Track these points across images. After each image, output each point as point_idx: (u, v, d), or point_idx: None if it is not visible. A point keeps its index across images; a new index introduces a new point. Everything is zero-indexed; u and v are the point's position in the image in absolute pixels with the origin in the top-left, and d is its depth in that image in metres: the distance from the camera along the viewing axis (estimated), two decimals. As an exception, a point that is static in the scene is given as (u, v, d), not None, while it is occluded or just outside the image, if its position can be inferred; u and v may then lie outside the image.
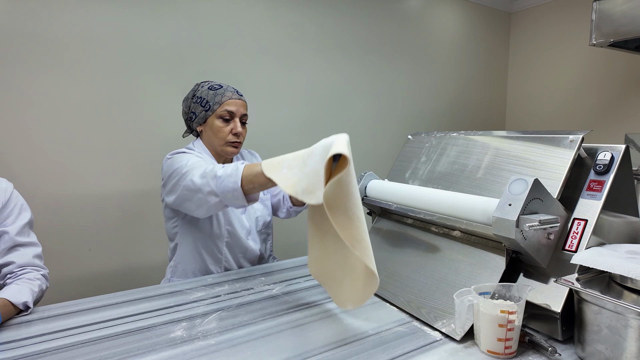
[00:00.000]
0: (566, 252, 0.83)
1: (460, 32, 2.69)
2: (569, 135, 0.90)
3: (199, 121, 1.28)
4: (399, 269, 1.07)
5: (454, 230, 1.01)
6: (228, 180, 0.95)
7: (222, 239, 1.30)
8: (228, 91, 1.28)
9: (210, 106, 1.26)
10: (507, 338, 0.74)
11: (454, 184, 1.08)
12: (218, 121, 1.26)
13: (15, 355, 0.79)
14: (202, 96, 1.27)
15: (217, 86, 1.28)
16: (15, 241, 1.04)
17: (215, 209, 1.03)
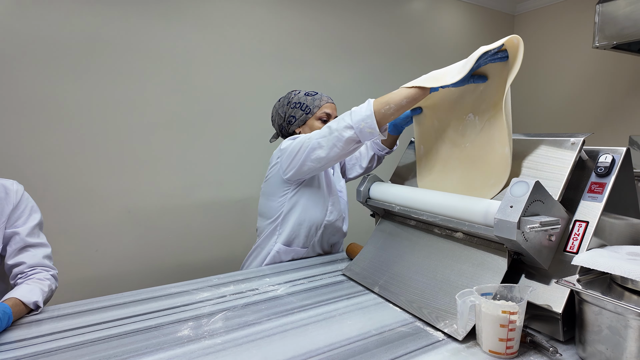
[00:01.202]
0: (567, 253, 0.84)
1: (463, 34, 2.70)
2: (570, 138, 0.91)
3: (299, 123, 1.43)
4: (401, 270, 1.08)
5: (456, 232, 1.02)
6: (361, 110, 1.10)
7: (323, 221, 1.40)
8: (324, 96, 1.44)
9: (311, 109, 1.41)
10: (509, 338, 0.75)
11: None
12: (317, 122, 1.41)
13: (26, 353, 0.81)
14: (301, 101, 1.42)
15: (312, 92, 1.45)
16: (26, 242, 1.07)
17: (348, 145, 1.15)
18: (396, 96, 1.07)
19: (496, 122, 1.00)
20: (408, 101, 1.06)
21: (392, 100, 1.08)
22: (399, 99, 1.07)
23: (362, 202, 1.28)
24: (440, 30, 2.59)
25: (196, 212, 1.88)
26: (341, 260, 1.37)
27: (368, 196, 1.27)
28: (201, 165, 1.88)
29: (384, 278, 1.10)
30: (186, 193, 1.86)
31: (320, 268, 1.31)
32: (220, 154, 1.93)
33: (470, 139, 1.07)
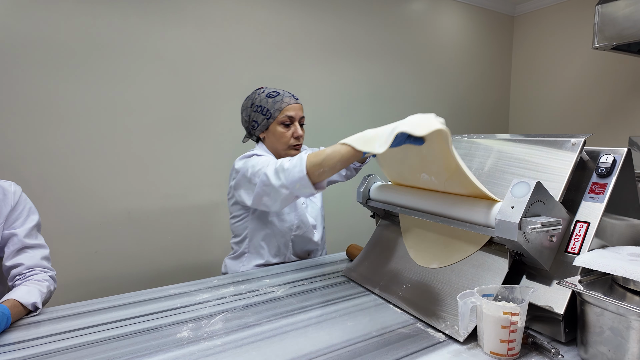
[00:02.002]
0: (569, 254, 0.84)
1: (463, 35, 2.71)
2: (571, 139, 0.91)
3: (261, 129, 1.35)
4: (402, 271, 1.08)
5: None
6: (294, 171, 1.03)
7: (290, 234, 1.38)
8: (286, 97, 1.34)
9: (271, 114, 1.32)
10: (510, 339, 0.74)
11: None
12: (280, 127, 1.33)
13: (25, 355, 0.81)
14: (262, 105, 1.33)
15: (274, 93, 1.34)
16: (24, 243, 1.06)
17: (287, 201, 1.10)
18: (330, 159, 1.00)
19: (458, 181, 0.94)
20: (342, 163, 1.00)
21: (325, 163, 1.00)
22: (332, 162, 0.99)
23: (363, 203, 1.28)
24: (440, 31, 2.59)
25: (196, 213, 1.87)
26: (341, 261, 1.37)
27: (368, 197, 1.26)
28: (201, 166, 1.88)
29: (384, 279, 1.09)
30: (186, 194, 1.85)
31: (320, 269, 1.31)
32: (220, 155, 1.93)
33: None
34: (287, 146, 1.35)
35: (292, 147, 1.35)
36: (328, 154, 1.00)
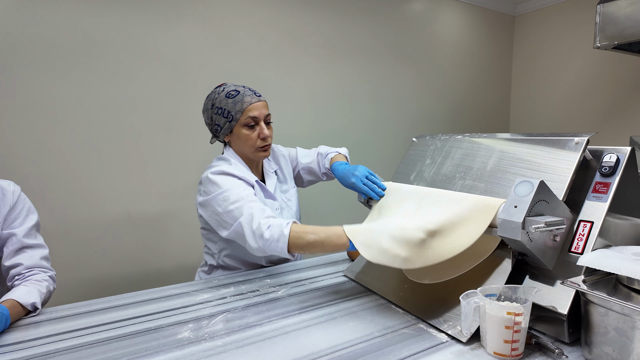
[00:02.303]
0: (572, 254, 0.83)
1: (463, 35, 2.70)
2: (574, 138, 0.90)
3: (225, 132, 1.26)
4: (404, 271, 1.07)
5: (459, 233, 1.01)
6: (274, 245, 1.02)
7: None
8: (246, 96, 1.24)
9: (233, 116, 1.22)
10: (514, 340, 0.74)
11: (459, 187, 1.08)
12: (244, 129, 1.24)
13: (24, 355, 0.80)
14: (222, 106, 1.23)
15: (233, 92, 1.24)
16: (23, 243, 1.05)
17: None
18: (314, 247, 1.00)
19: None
20: (326, 252, 1.03)
21: (308, 248, 1.01)
22: (316, 249, 1.00)
23: (364, 203, 1.27)
24: (440, 31, 2.58)
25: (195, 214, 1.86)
26: (342, 261, 1.36)
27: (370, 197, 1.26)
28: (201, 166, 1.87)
29: (386, 279, 1.08)
30: (186, 194, 1.84)
31: (321, 269, 1.30)
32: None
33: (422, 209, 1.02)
34: (255, 149, 1.26)
35: (259, 149, 1.26)
36: (314, 241, 0.99)
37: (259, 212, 1.08)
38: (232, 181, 1.18)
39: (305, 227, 1.02)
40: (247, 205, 1.10)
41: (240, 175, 1.20)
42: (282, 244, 1.01)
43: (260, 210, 1.09)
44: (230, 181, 1.17)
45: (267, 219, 1.06)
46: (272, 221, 1.05)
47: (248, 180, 1.22)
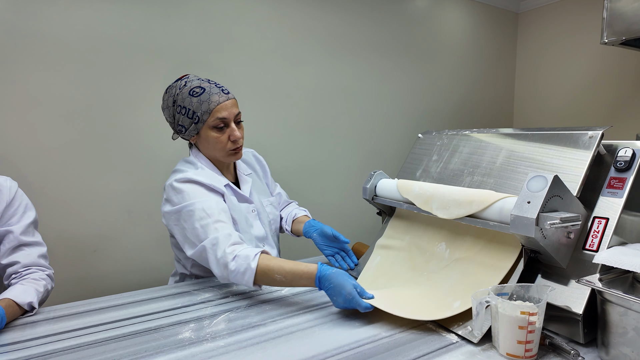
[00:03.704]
0: (586, 252, 0.81)
1: (467, 32, 2.67)
2: (587, 132, 0.87)
3: (191, 134, 1.15)
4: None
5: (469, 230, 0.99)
6: (241, 278, 0.97)
7: None
8: (213, 94, 1.10)
9: (199, 117, 1.10)
10: (528, 340, 0.71)
11: (467, 183, 1.05)
12: (212, 132, 1.12)
13: (21, 356, 0.77)
14: (186, 106, 1.11)
15: (198, 90, 1.11)
16: (20, 241, 1.03)
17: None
18: (281, 283, 0.97)
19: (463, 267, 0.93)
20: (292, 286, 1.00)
21: (274, 284, 0.98)
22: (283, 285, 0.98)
23: (369, 200, 1.24)
24: (443, 28, 2.55)
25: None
26: (346, 260, 1.33)
27: (374, 193, 1.23)
28: (202, 163, 1.85)
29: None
30: (186, 192, 1.82)
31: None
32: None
33: (432, 271, 0.99)
34: (225, 152, 1.15)
35: (230, 151, 1.15)
36: (280, 281, 0.96)
37: (224, 238, 1.00)
38: (198, 191, 1.07)
39: (273, 264, 0.95)
40: (212, 227, 1.02)
41: (208, 182, 1.10)
42: (248, 277, 0.95)
43: (226, 236, 1.01)
44: (195, 191, 1.07)
45: (233, 246, 0.99)
46: (238, 250, 0.98)
47: (216, 188, 1.11)
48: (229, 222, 1.06)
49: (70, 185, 1.54)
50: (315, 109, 2.10)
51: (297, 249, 1.70)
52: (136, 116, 1.65)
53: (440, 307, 0.86)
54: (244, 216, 1.20)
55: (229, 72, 1.83)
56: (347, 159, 2.23)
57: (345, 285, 0.90)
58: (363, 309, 0.87)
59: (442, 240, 1.03)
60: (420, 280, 0.98)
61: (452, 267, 0.95)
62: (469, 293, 0.82)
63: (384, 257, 1.14)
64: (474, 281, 0.87)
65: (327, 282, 0.92)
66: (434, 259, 1.01)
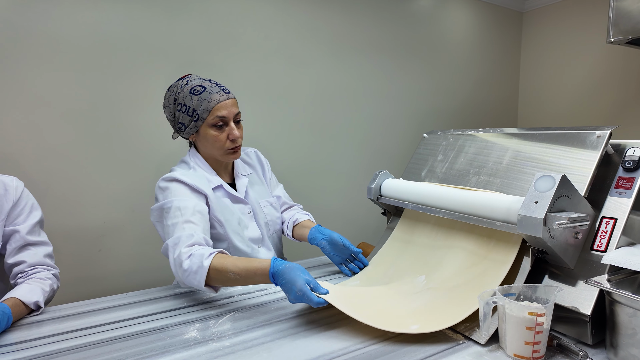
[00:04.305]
0: (594, 252, 0.80)
1: (471, 31, 2.66)
2: (595, 131, 0.87)
3: (190, 131, 1.16)
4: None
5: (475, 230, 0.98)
6: (191, 278, 0.93)
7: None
8: (214, 93, 1.12)
9: (199, 115, 1.11)
10: (536, 341, 0.70)
11: (473, 183, 1.05)
12: (211, 130, 1.13)
13: (27, 355, 0.78)
14: (187, 104, 1.12)
15: (199, 88, 1.13)
16: (26, 240, 1.03)
17: None
18: (235, 282, 0.93)
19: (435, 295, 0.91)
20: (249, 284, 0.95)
21: (229, 283, 0.95)
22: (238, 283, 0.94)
23: (373, 200, 1.24)
24: (447, 28, 2.55)
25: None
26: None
27: (379, 193, 1.23)
28: (206, 163, 1.85)
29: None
30: (190, 192, 1.82)
31: (331, 267, 1.27)
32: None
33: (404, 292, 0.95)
34: (223, 151, 1.16)
35: (229, 150, 1.16)
36: (234, 280, 0.92)
37: (186, 238, 0.98)
38: (179, 190, 1.08)
39: (227, 263, 0.92)
40: (180, 226, 1.01)
41: (192, 183, 1.10)
42: (200, 277, 0.92)
43: (188, 236, 0.99)
44: (176, 190, 1.08)
45: (191, 247, 0.97)
46: (195, 250, 0.96)
47: (200, 189, 1.11)
48: (200, 223, 1.04)
49: (75, 184, 1.55)
50: (319, 109, 2.10)
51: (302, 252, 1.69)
52: (140, 116, 1.65)
53: (397, 323, 0.81)
54: (237, 217, 1.19)
55: (232, 72, 1.83)
56: (351, 159, 2.23)
57: (297, 280, 0.85)
58: (315, 304, 0.83)
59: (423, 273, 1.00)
60: (388, 296, 0.94)
61: (423, 293, 0.92)
62: (430, 321, 0.80)
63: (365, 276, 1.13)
64: (442, 312, 0.83)
65: (280, 278, 0.88)
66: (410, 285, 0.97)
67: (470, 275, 0.90)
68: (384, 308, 0.88)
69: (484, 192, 0.94)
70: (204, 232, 1.04)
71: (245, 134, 1.34)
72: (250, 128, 1.80)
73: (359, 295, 0.95)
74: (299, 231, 1.31)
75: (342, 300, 0.86)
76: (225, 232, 1.16)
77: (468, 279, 0.89)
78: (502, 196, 0.89)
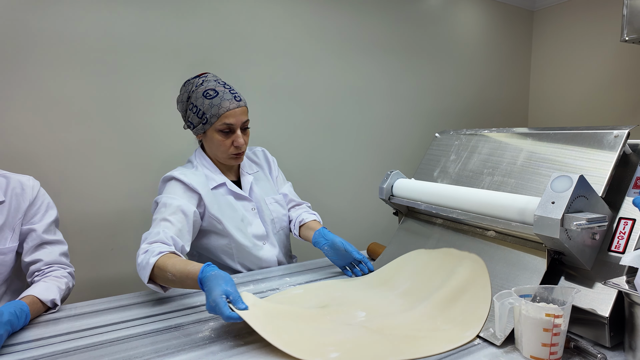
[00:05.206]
0: (612, 253, 0.79)
1: (481, 30, 2.65)
2: (612, 131, 0.86)
3: (198, 132, 1.21)
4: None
5: (488, 231, 0.98)
6: (142, 273, 0.96)
7: (233, 257, 1.23)
8: (225, 100, 1.14)
9: (208, 119, 1.15)
10: (553, 343, 0.70)
11: (487, 183, 1.04)
12: (218, 135, 1.17)
13: (45, 353, 0.78)
14: (198, 105, 1.16)
15: (212, 92, 1.15)
16: (43, 239, 1.04)
17: None
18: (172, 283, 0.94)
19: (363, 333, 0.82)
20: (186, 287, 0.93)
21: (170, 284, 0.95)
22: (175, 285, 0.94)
23: (385, 200, 1.24)
24: (457, 27, 2.53)
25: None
26: (362, 260, 1.33)
27: (391, 193, 1.22)
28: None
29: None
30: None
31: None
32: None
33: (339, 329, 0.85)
34: (227, 155, 1.20)
35: (232, 155, 1.20)
36: (171, 281, 0.92)
37: (153, 235, 1.02)
38: (173, 188, 1.14)
39: (169, 263, 0.93)
40: (156, 222, 1.07)
41: (188, 181, 1.15)
42: (145, 272, 0.94)
43: (156, 233, 1.02)
44: (171, 187, 1.14)
45: (151, 244, 0.99)
46: (152, 247, 0.98)
47: (195, 188, 1.15)
48: (177, 223, 1.07)
49: (87, 184, 1.56)
50: (328, 109, 2.10)
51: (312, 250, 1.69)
52: (152, 115, 1.66)
53: (318, 351, 0.75)
54: (240, 214, 1.23)
55: (241, 72, 1.84)
56: (359, 158, 2.22)
57: (213, 290, 0.80)
58: (226, 318, 0.77)
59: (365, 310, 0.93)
60: (315, 320, 0.87)
61: (355, 327, 0.84)
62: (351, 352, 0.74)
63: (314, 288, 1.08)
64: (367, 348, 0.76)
65: (204, 285, 0.84)
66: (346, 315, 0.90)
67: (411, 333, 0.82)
68: (307, 333, 0.81)
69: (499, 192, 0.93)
70: (179, 232, 1.07)
71: (254, 134, 1.35)
72: (259, 128, 1.81)
73: (284, 315, 0.87)
74: (304, 232, 1.32)
75: (261, 320, 0.80)
76: (224, 228, 1.20)
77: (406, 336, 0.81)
78: (517, 196, 0.88)
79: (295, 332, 0.81)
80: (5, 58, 1.40)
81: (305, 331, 0.81)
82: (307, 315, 0.89)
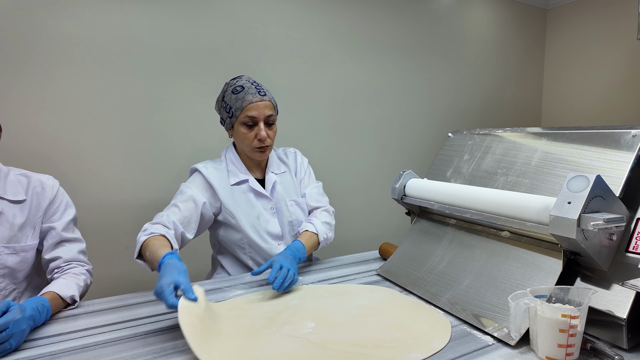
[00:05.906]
0: (630, 254, 0.78)
1: (494, 29, 2.62)
2: (630, 130, 0.85)
3: (227, 127, 1.26)
4: (442, 270, 1.03)
5: (502, 231, 0.97)
6: (136, 249, 1.02)
7: (245, 251, 1.26)
8: (248, 94, 1.19)
9: (233, 113, 1.21)
10: (569, 344, 0.69)
11: (501, 183, 1.03)
12: (242, 127, 1.21)
13: (64, 348, 0.80)
14: (227, 101, 1.23)
15: (239, 88, 1.21)
16: (62, 237, 1.07)
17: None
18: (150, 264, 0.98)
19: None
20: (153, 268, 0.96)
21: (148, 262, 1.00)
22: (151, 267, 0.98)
23: (397, 200, 1.24)
24: (470, 26, 2.52)
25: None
26: (374, 260, 1.33)
27: (404, 193, 1.22)
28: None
29: (422, 278, 1.05)
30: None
31: (352, 267, 1.28)
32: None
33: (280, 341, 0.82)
34: (251, 148, 1.22)
35: (255, 149, 1.22)
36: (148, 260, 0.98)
37: (159, 216, 1.11)
38: (194, 178, 1.23)
39: (150, 244, 0.98)
40: (168, 207, 1.16)
41: (207, 174, 1.22)
42: (136, 249, 1.02)
43: (161, 215, 1.11)
44: (192, 178, 1.24)
45: (153, 225, 1.07)
46: (151, 226, 1.06)
47: (212, 182, 1.22)
48: (185, 211, 1.15)
49: (104, 183, 1.59)
50: (340, 108, 2.11)
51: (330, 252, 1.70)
52: (167, 116, 1.69)
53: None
54: (257, 212, 1.26)
55: (253, 72, 1.85)
56: (371, 158, 2.23)
57: (163, 277, 0.82)
58: (168, 306, 0.78)
59: (315, 322, 0.89)
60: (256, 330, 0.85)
61: (298, 340, 0.81)
62: None
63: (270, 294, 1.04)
64: None
65: (160, 271, 0.88)
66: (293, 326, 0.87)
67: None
68: (240, 343, 0.80)
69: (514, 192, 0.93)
70: (184, 219, 1.14)
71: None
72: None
73: (227, 319, 0.86)
74: None
75: (199, 318, 0.78)
76: (237, 223, 1.23)
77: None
78: (533, 196, 0.87)
79: (227, 340, 0.79)
80: (23, 60, 1.43)
81: (240, 345, 0.78)
82: (247, 325, 0.86)
